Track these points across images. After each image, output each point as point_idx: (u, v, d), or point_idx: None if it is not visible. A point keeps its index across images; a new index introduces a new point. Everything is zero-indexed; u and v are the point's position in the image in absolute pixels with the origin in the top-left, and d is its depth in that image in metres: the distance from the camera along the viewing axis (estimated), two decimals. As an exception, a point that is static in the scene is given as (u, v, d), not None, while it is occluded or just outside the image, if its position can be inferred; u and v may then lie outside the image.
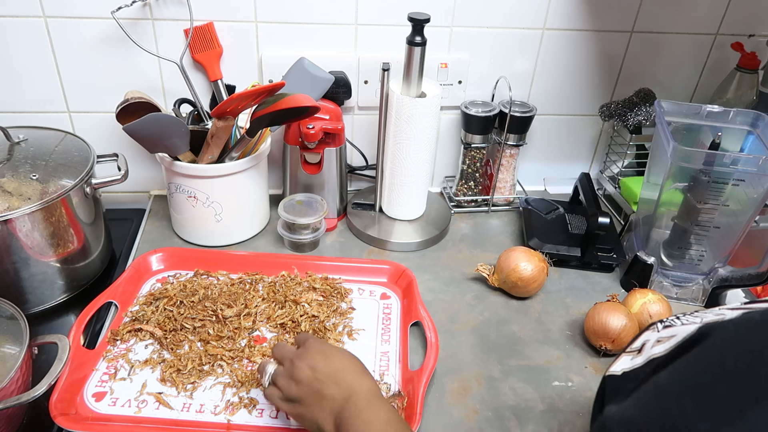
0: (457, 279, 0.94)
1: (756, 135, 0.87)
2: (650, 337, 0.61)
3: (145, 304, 0.83)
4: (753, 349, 0.30)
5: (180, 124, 0.86)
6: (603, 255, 0.95)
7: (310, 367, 0.62)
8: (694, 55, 1.09)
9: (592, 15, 1.02)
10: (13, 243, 0.77)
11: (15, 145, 0.85)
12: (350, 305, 0.86)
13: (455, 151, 1.14)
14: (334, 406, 0.59)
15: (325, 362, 0.62)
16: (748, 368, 0.30)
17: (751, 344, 0.30)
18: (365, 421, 0.57)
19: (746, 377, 0.29)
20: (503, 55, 1.04)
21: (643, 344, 0.61)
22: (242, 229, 0.99)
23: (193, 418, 0.69)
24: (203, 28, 0.95)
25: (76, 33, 0.93)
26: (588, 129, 1.16)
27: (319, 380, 0.61)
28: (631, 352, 0.63)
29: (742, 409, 0.28)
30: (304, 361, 0.63)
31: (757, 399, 0.28)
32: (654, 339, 0.60)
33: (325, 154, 0.99)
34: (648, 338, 0.61)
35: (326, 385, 0.60)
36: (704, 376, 0.32)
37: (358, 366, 0.64)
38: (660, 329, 0.61)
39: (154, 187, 1.11)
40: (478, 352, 0.81)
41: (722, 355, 0.31)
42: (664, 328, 0.60)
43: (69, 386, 0.70)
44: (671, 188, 0.86)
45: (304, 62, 0.92)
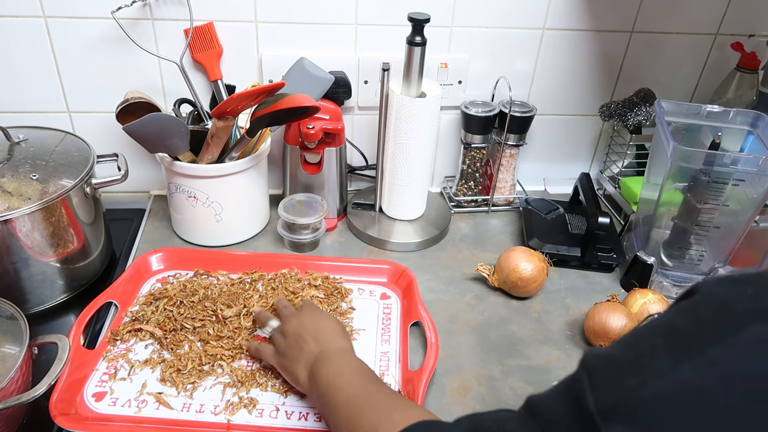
0: (457, 279, 0.94)
1: (756, 135, 0.87)
2: None
3: (145, 304, 0.83)
4: (726, 300, 0.33)
5: (180, 124, 0.86)
6: (603, 255, 0.95)
7: (298, 323, 0.71)
8: (694, 55, 1.09)
9: (592, 15, 1.02)
10: (13, 243, 0.77)
11: (15, 145, 0.85)
12: (350, 305, 0.86)
13: (455, 151, 1.14)
14: (310, 358, 0.66)
15: (310, 321, 0.71)
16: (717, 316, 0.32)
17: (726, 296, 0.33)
18: (336, 366, 0.64)
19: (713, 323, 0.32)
20: (503, 55, 1.04)
21: None
22: (242, 229, 0.99)
23: (193, 418, 0.69)
24: (203, 28, 0.95)
25: (76, 33, 0.93)
26: (588, 129, 1.16)
27: (301, 336, 0.69)
28: None
29: (703, 348, 0.31)
30: (294, 319, 0.72)
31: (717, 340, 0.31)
32: None
33: (325, 154, 0.99)
34: None
35: (306, 339, 0.68)
36: (678, 321, 0.35)
37: (341, 330, 0.71)
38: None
39: (154, 187, 1.11)
40: (478, 352, 0.81)
41: (697, 305, 0.34)
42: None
43: (69, 386, 0.70)
44: (671, 188, 0.86)
45: (304, 62, 0.92)
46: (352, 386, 0.60)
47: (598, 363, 0.35)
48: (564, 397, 0.36)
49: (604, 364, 0.35)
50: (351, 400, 0.58)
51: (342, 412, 0.58)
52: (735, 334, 0.30)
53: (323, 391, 0.61)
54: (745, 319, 0.31)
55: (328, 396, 0.60)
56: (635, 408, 0.31)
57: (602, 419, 0.32)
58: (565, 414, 0.35)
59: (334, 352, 0.66)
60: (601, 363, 0.35)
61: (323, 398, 0.61)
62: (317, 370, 0.64)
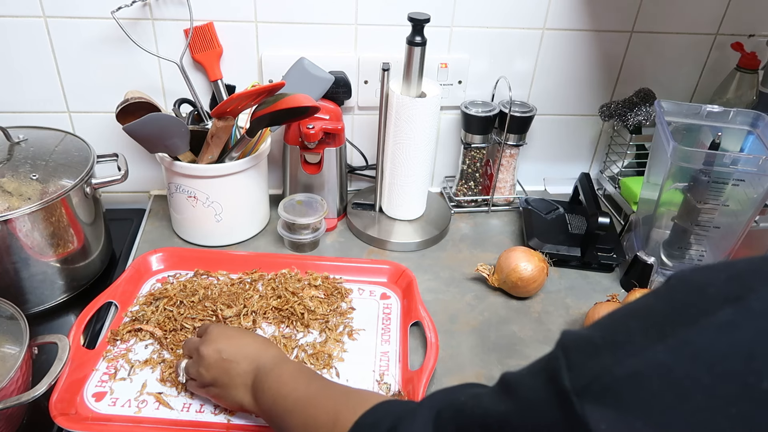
0: (457, 279, 0.94)
1: (756, 135, 0.87)
2: None
3: (145, 304, 0.83)
4: (699, 285, 0.34)
5: (180, 124, 0.86)
6: (603, 255, 0.95)
7: (215, 350, 0.65)
8: (694, 55, 1.09)
9: (592, 15, 1.02)
10: (13, 243, 0.77)
11: (15, 145, 0.85)
12: (350, 305, 0.86)
13: (455, 151, 1.14)
14: (247, 379, 0.63)
15: (227, 342, 0.66)
16: (690, 298, 0.34)
17: (699, 281, 0.34)
18: (276, 376, 0.61)
19: (686, 305, 0.33)
20: (503, 55, 1.04)
21: None
22: (242, 229, 0.99)
23: (193, 418, 0.69)
24: (203, 28, 0.95)
25: (76, 33, 0.93)
26: (588, 129, 1.16)
27: (226, 360, 0.64)
28: None
29: (675, 329, 0.32)
30: (209, 347, 0.66)
31: (689, 323, 0.32)
32: None
33: (325, 154, 0.99)
34: None
35: (234, 363, 0.64)
36: (653, 303, 0.36)
37: (261, 340, 0.68)
38: None
39: (154, 187, 1.11)
40: (478, 352, 0.81)
41: (673, 289, 0.35)
42: None
43: (69, 386, 0.70)
44: (671, 188, 0.86)
45: (304, 62, 0.92)
46: (298, 390, 0.58)
47: (574, 342, 0.36)
48: (540, 375, 0.37)
49: (581, 344, 0.36)
50: (301, 402, 0.57)
51: (295, 417, 0.56)
52: (706, 316, 0.32)
53: (270, 405, 0.59)
54: (716, 303, 0.32)
55: (277, 407, 0.58)
56: (608, 385, 0.32)
57: (577, 397, 0.33)
58: (540, 391, 0.35)
59: (268, 364, 0.63)
60: (578, 342, 0.36)
61: (272, 412, 0.59)
62: (259, 388, 0.61)
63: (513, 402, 0.38)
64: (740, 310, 0.31)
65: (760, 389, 0.29)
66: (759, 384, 0.29)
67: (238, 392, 0.64)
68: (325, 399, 0.56)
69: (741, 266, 0.34)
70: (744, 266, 0.34)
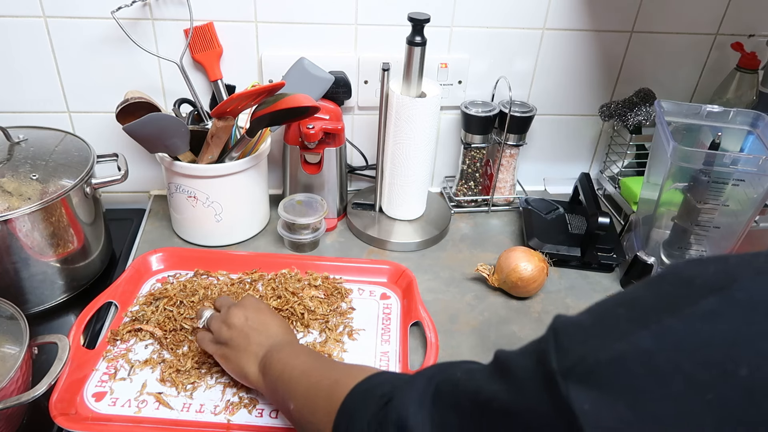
0: (457, 279, 0.94)
1: (756, 135, 0.87)
2: None
3: (145, 304, 0.83)
4: (688, 276, 0.35)
5: (180, 124, 0.86)
6: (603, 255, 0.95)
7: (244, 315, 0.70)
8: (694, 55, 1.09)
9: (592, 15, 1.02)
10: (13, 243, 0.77)
11: (15, 145, 0.85)
12: (350, 305, 0.86)
13: (455, 151, 1.14)
14: (260, 350, 0.67)
15: (256, 314, 0.70)
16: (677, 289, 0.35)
17: (687, 272, 0.35)
18: (288, 351, 0.65)
19: (673, 295, 0.34)
20: (503, 55, 1.04)
21: None
22: (242, 229, 0.99)
23: (193, 418, 0.69)
24: (203, 28, 0.95)
25: (76, 33, 0.93)
26: (588, 129, 1.16)
27: (250, 326, 0.68)
28: None
29: (660, 318, 0.33)
30: (240, 310, 0.70)
31: (673, 311, 0.33)
32: None
33: (325, 154, 0.99)
34: None
35: (255, 332, 0.68)
36: (642, 292, 0.37)
37: (286, 325, 0.72)
38: None
39: (154, 187, 1.11)
40: (478, 352, 0.81)
41: (663, 280, 0.37)
42: None
43: (69, 386, 0.70)
44: (671, 188, 0.86)
45: (304, 62, 0.92)
46: (307, 363, 0.62)
47: (564, 326, 0.37)
48: (530, 356, 0.38)
49: (570, 327, 0.37)
50: (308, 371, 0.60)
51: (299, 384, 0.59)
52: (690, 306, 0.33)
53: (277, 374, 0.62)
54: (701, 293, 0.33)
55: (284, 375, 0.61)
56: (592, 368, 0.33)
57: (562, 378, 0.34)
58: (529, 371, 0.37)
59: (285, 343, 0.67)
60: (567, 326, 0.37)
61: (277, 381, 0.62)
62: (270, 360, 0.64)
63: (504, 381, 0.39)
64: (723, 299, 0.32)
65: (737, 376, 0.30)
66: (737, 371, 0.30)
67: (249, 360, 0.67)
68: (329, 369, 0.59)
69: (732, 260, 0.35)
70: (734, 260, 0.35)
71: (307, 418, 0.56)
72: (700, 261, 0.36)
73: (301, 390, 0.58)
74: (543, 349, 0.36)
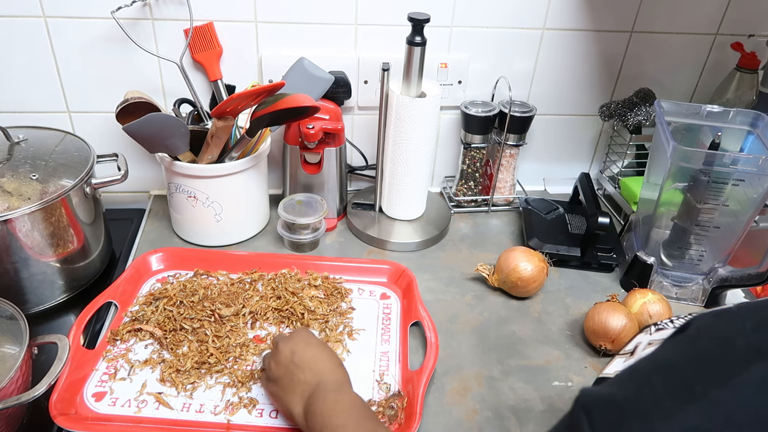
0: (457, 279, 0.94)
1: (756, 135, 0.87)
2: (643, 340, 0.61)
3: (145, 304, 0.83)
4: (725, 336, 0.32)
5: (180, 124, 0.86)
6: (603, 255, 0.95)
7: (290, 350, 0.66)
8: (694, 55, 1.09)
9: (592, 15, 1.02)
10: (13, 243, 0.77)
11: (15, 145, 0.85)
12: (350, 305, 0.86)
13: (455, 151, 1.14)
14: (305, 389, 0.63)
15: (304, 348, 0.67)
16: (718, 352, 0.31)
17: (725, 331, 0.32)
18: (332, 403, 0.60)
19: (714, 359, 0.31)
20: (503, 55, 1.04)
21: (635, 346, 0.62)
22: (242, 229, 0.99)
23: (193, 418, 0.69)
24: (203, 28, 0.95)
25: (75, 33, 0.93)
26: (588, 129, 1.16)
27: (296, 363, 0.65)
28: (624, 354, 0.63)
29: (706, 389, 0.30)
30: (287, 345, 0.67)
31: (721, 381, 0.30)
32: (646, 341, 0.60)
33: (325, 154, 0.99)
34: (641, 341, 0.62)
35: (300, 368, 0.65)
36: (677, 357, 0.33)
37: (334, 359, 0.68)
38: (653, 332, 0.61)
39: (154, 187, 1.11)
40: (478, 352, 0.81)
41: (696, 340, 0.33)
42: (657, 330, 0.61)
43: (69, 386, 0.70)
44: (671, 188, 0.86)
45: (304, 62, 0.92)
46: (347, 426, 0.58)
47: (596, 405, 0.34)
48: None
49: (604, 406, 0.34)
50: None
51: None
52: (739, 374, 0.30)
53: (319, 429, 0.59)
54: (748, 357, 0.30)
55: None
56: None
57: None
58: None
59: (330, 386, 0.63)
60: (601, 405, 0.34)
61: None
62: (312, 406, 0.61)
63: None
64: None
65: None
66: None
67: (294, 399, 0.64)
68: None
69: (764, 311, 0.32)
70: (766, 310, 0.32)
71: None
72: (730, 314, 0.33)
73: None
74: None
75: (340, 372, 0.66)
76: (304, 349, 0.66)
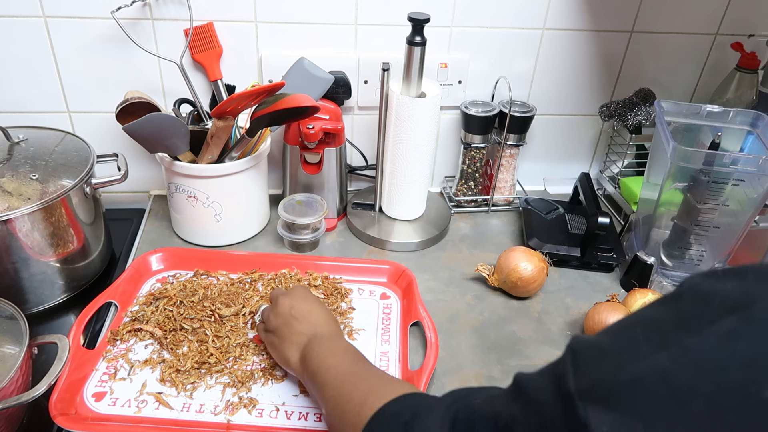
0: (457, 279, 0.94)
1: (756, 135, 0.87)
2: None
3: (145, 304, 0.83)
4: (707, 293, 0.34)
5: (180, 124, 0.86)
6: (603, 255, 0.95)
7: (289, 304, 0.72)
8: (694, 55, 1.09)
9: (592, 15, 1.02)
10: (13, 243, 0.77)
11: (15, 145, 0.85)
12: (350, 305, 0.86)
13: (455, 151, 1.14)
14: (302, 339, 0.68)
15: (302, 303, 0.72)
16: (695, 306, 0.34)
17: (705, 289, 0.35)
18: (327, 347, 0.65)
19: (691, 314, 0.34)
20: (503, 55, 1.04)
21: None
22: (242, 229, 0.99)
23: (193, 418, 0.69)
24: (203, 28, 0.95)
25: (76, 33, 0.93)
26: (588, 129, 1.16)
27: (293, 315, 0.70)
28: None
29: (679, 338, 0.32)
30: (286, 299, 0.73)
31: (693, 331, 0.32)
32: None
33: (325, 154, 0.99)
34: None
35: (298, 320, 0.70)
36: (660, 312, 0.36)
37: (329, 314, 0.73)
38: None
39: (154, 187, 1.11)
40: (478, 352, 0.81)
41: (680, 297, 0.36)
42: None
43: (69, 386, 0.70)
44: (671, 188, 0.86)
45: (304, 62, 0.92)
46: (342, 365, 0.62)
47: (582, 347, 0.37)
48: (548, 378, 0.37)
49: (588, 349, 0.37)
50: (340, 377, 0.60)
51: (331, 389, 0.59)
52: (709, 325, 0.32)
53: (314, 371, 0.63)
54: (720, 312, 0.32)
55: (319, 375, 0.62)
56: (611, 390, 0.33)
57: (580, 399, 0.34)
58: (547, 394, 0.36)
59: (326, 335, 0.68)
60: (585, 347, 0.37)
61: (313, 378, 0.63)
62: (309, 352, 0.66)
63: (522, 403, 0.38)
64: (743, 319, 0.31)
65: (760, 399, 0.29)
66: (759, 393, 0.29)
67: (291, 348, 0.68)
68: (362, 380, 0.59)
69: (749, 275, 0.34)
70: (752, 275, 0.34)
71: (337, 427, 0.57)
72: (717, 275, 0.35)
73: (332, 397, 0.59)
74: (561, 371, 0.36)
75: (334, 325, 0.71)
76: (301, 304, 0.72)
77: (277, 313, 0.72)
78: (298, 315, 0.70)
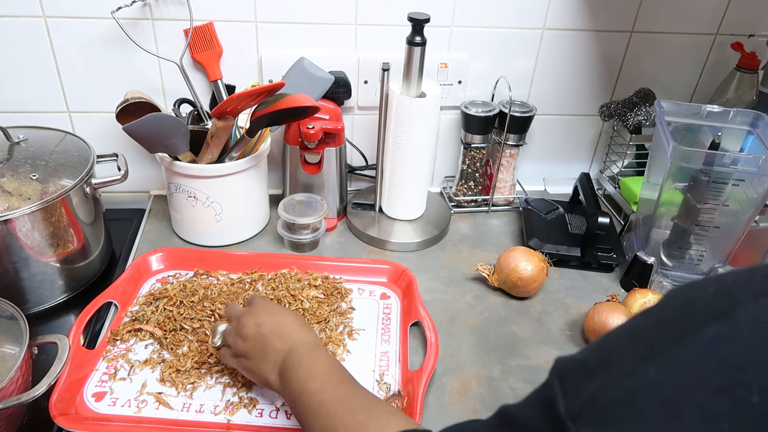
0: (457, 279, 0.94)
1: (756, 135, 0.87)
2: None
3: (145, 304, 0.84)
4: (688, 300, 0.34)
5: (180, 124, 0.86)
6: (603, 255, 0.95)
7: (255, 323, 0.66)
8: (694, 55, 1.09)
9: (592, 15, 1.02)
10: (13, 243, 0.77)
11: (15, 145, 0.85)
12: (350, 305, 0.86)
13: (455, 151, 1.14)
14: (278, 357, 0.63)
15: (269, 318, 0.66)
16: (679, 314, 0.34)
17: (686, 296, 0.35)
18: (307, 368, 0.60)
19: (675, 321, 0.33)
20: (503, 55, 1.04)
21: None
22: (242, 229, 0.99)
23: (193, 418, 0.69)
24: (203, 28, 0.95)
25: (75, 33, 0.93)
26: (588, 129, 1.16)
27: (264, 335, 0.65)
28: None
29: (665, 348, 0.32)
30: (250, 318, 0.67)
31: (677, 341, 0.32)
32: None
33: (325, 154, 0.99)
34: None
35: (270, 339, 0.64)
36: (645, 322, 0.36)
37: (301, 322, 0.68)
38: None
39: (154, 187, 1.11)
40: (478, 352, 0.81)
41: (664, 306, 0.36)
42: None
43: (69, 386, 0.70)
44: (671, 188, 0.86)
45: (304, 62, 0.92)
46: (325, 390, 0.58)
47: (568, 368, 0.36)
48: (536, 405, 0.36)
49: (575, 368, 0.36)
50: (325, 406, 0.56)
51: (316, 419, 0.56)
52: (693, 333, 0.32)
53: (296, 396, 0.59)
54: (704, 319, 0.32)
55: (302, 401, 0.58)
56: (603, 408, 0.32)
57: (572, 422, 0.33)
58: (537, 421, 0.35)
59: (302, 349, 0.63)
60: (571, 367, 0.36)
61: (296, 403, 0.59)
62: (287, 372, 0.61)
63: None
64: (726, 324, 0.31)
65: (749, 403, 0.29)
66: (748, 398, 0.29)
67: (267, 368, 0.64)
68: (349, 413, 0.55)
69: (729, 280, 0.34)
70: (732, 280, 0.34)
71: None
72: (697, 283, 0.35)
73: (318, 427, 0.55)
74: (549, 395, 0.35)
75: (308, 334, 0.66)
76: (268, 318, 0.66)
77: (245, 336, 0.66)
78: (267, 332, 0.65)
